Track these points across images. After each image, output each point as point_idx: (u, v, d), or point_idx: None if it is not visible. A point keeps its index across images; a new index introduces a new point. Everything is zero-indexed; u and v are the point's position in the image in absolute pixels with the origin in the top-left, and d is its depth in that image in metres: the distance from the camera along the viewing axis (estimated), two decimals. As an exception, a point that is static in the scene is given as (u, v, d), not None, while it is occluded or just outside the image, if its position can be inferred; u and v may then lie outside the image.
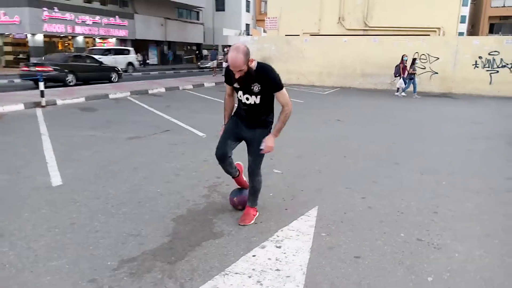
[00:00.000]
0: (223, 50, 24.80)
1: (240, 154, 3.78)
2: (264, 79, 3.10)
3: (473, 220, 3.66)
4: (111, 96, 12.07)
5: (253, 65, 3.04)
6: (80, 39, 29.82)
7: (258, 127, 3.35)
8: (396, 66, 14.98)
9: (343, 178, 4.84)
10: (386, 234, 3.30)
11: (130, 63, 26.46)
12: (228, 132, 3.43)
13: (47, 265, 2.71)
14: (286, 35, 20.66)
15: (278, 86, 3.13)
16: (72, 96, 11.14)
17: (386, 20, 19.49)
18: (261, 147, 3.27)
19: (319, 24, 21.18)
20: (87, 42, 30.82)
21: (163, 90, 14.38)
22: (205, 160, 5.35)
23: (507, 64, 15.49)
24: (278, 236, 3.20)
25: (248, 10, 48.57)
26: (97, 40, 31.18)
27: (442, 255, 2.98)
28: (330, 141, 6.95)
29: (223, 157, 3.44)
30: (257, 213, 3.56)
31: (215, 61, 23.60)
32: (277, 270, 2.70)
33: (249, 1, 48.18)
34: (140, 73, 25.36)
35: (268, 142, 3.25)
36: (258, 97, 3.18)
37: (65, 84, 14.80)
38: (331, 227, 3.41)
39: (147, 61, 35.02)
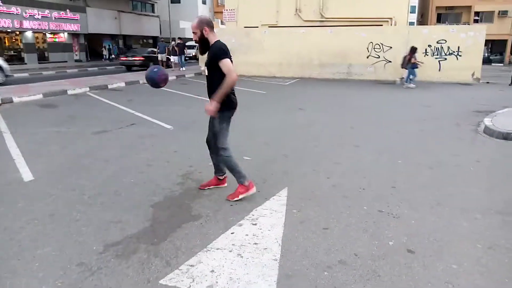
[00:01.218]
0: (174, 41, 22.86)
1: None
2: (211, 50, 3.49)
3: (426, 191, 4.07)
4: (69, 92, 11.78)
5: (212, 39, 3.51)
6: (29, 34, 28.46)
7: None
8: (403, 57, 15.19)
9: (308, 161, 5.15)
10: (350, 207, 3.63)
11: None
12: (210, 116, 3.74)
13: (33, 253, 2.80)
14: (245, 27, 20.82)
15: (219, 55, 3.41)
16: (29, 93, 10.78)
17: (341, 11, 20.09)
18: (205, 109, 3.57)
19: (277, 15, 21.47)
20: (37, 37, 29.48)
21: (123, 84, 14.17)
22: (176, 151, 5.48)
23: (454, 52, 16.50)
24: (253, 215, 3.43)
25: (204, 2, 48.09)
26: (48, 35, 29.89)
27: (400, 222, 3.34)
28: (294, 128, 7.26)
29: (209, 142, 3.89)
30: (248, 192, 3.78)
31: (164, 54, 21.75)
32: (255, 243, 2.94)
33: (205, -7, 47.72)
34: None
35: (207, 105, 3.51)
36: (207, 68, 3.57)
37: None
38: (300, 204, 3.69)
39: (112, 56, 34.14)
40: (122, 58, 23.44)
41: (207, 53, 3.55)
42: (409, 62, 14.88)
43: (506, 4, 37.83)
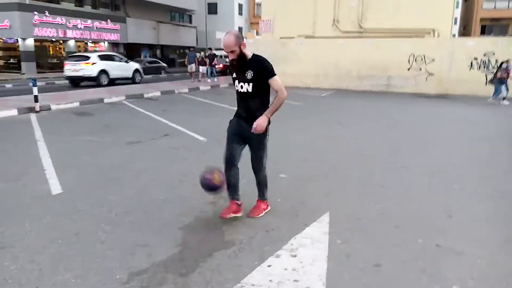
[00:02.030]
0: (205, 52, 22.05)
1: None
2: (257, 65, 3.26)
3: (490, 224, 3.57)
4: (106, 100, 11.88)
5: (248, 53, 3.26)
6: (71, 43, 29.53)
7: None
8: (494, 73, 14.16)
9: (350, 182, 4.74)
10: (403, 240, 3.20)
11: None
12: (231, 134, 3.49)
13: (53, 279, 2.56)
14: (281, 38, 20.60)
15: (271, 72, 3.25)
16: (66, 101, 10.93)
17: (381, 22, 19.49)
18: (253, 126, 3.23)
19: (313, 26, 21.12)
20: (78, 46, 30.51)
21: (158, 93, 14.21)
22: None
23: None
24: (292, 244, 3.07)
25: (240, 13, 48.57)
26: (89, 44, 30.89)
27: (463, 261, 2.88)
28: (333, 144, 6.86)
29: (230, 161, 3.48)
30: (268, 208, 3.70)
31: (193, 65, 20.42)
32: (295, 281, 2.58)
33: (241, 4, 48.19)
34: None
35: (259, 120, 3.23)
36: (251, 84, 3.27)
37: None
38: (345, 233, 3.29)
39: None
40: None
41: (245, 69, 3.26)
42: (496, 77, 13.63)
43: (557, 16, 35.85)
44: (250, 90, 3.29)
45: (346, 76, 18.23)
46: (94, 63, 16.92)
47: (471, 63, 16.03)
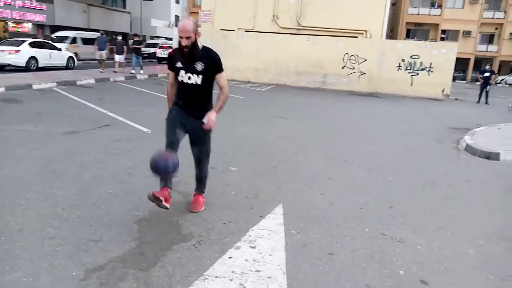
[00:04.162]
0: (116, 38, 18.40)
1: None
2: (209, 58, 3.21)
3: (425, 213, 3.93)
4: (35, 86, 11.00)
5: (199, 43, 3.17)
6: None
7: (199, 118, 3.31)
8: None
9: (299, 175, 4.92)
10: (352, 229, 3.41)
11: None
12: (174, 121, 3.36)
13: (0, 279, 2.38)
14: (220, 29, 20.49)
15: (221, 67, 3.27)
16: (-11, 86, 9.98)
17: (318, 21, 20.17)
18: (204, 121, 3.25)
19: (254, 20, 21.27)
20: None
21: (92, 81, 13.47)
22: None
23: (426, 67, 16.90)
24: (250, 236, 3.14)
25: (177, 1, 47.35)
26: (10, 24, 28.28)
27: (406, 248, 3.15)
28: (278, 138, 7.03)
29: (173, 145, 3.31)
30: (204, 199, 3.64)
31: (103, 52, 17.00)
32: (257, 271, 2.65)
33: (179, -8, 47.03)
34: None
35: (211, 116, 3.25)
36: (200, 77, 3.21)
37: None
38: (299, 224, 3.43)
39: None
40: None
41: (195, 59, 3.17)
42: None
43: (470, 25, 39.65)
44: (199, 82, 3.22)
45: (285, 72, 18.67)
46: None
47: (399, 64, 17.23)
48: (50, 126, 6.62)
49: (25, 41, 16.66)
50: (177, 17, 46.49)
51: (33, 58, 15.87)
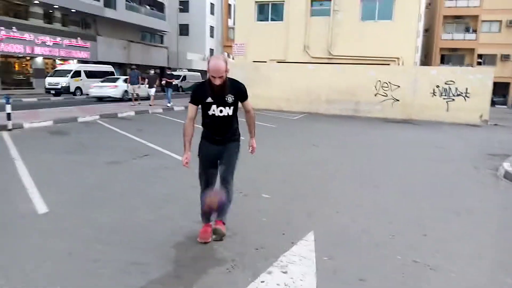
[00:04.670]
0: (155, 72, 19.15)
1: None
2: (236, 89, 3.41)
3: (460, 240, 3.87)
4: (80, 119, 11.72)
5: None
6: (39, 59, 28.92)
7: (231, 141, 3.54)
8: None
9: (329, 201, 4.97)
10: (384, 256, 3.43)
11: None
12: (207, 160, 3.55)
13: (51, 298, 2.59)
14: (253, 61, 21.09)
15: (246, 93, 3.50)
16: (39, 119, 10.73)
17: (349, 50, 20.41)
18: (250, 150, 3.66)
19: (285, 51, 21.82)
20: (46, 63, 29.93)
21: (132, 113, 14.16)
22: (193, 186, 5.26)
23: (462, 93, 16.58)
24: (282, 262, 3.23)
25: (212, 36, 49.24)
26: (57, 61, 30.33)
27: (439, 275, 3.13)
28: (309, 164, 7.12)
29: (210, 184, 3.60)
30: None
31: (136, 86, 17.32)
32: (289, 295, 2.73)
33: (213, 27, 48.94)
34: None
35: (253, 144, 3.69)
36: (231, 108, 3.40)
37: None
38: (330, 251, 3.49)
39: None
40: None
41: (226, 93, 3.33)
42: None
43: (508, 48, 38.59)
44: (230, 113, 3.39)
45: (316, 100, 18.82)
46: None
47: (434, 90, 17.00)
48: (93, 156, 7.04)
49: (120, 78, 21.84)
50: (211, 50, 48.25)
51: (126, 91, 19.89)
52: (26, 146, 7.73)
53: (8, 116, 9.26)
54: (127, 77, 19.17)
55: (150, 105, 16.81)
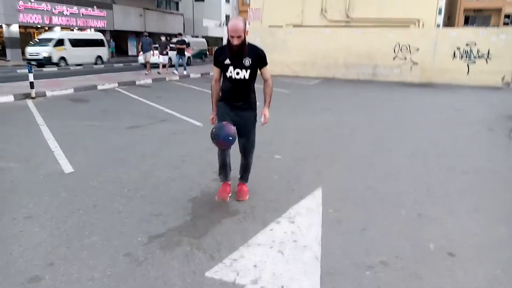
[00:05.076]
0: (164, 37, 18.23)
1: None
2: (255, 53, 3.45)
3: (462, 196, 4.03)
4: (99, 87, 12.05)
5: (246, 40, 3.36)
6: (57, 29, 29.18)
7: (247, 110, 3.61)
8: None
9: (340, 162, 5.15)
10: (387, 209, 3.63)
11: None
12: (223, 116, 3.59)
13: (81, 242, 2.90)
14: (269, 26, 20.83)
15: (265, 60, 3.51)
16: (61, 88, 11.09)
17: (367, 12, 19.85)
18: (262, 120, 3.55)
19: (302, 15, 21.37)
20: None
21: (150, 81, 14.40)
22: (208, 149, 5.52)
23: (484, 55, 16.12)
24: (290, 213, 3.47)
25: (227, 1, 48.41)
26: (75, 31, 30.57)
27: (438, 226, 3.32)
28: (322, 128, 7.26)
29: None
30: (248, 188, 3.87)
31: (149, 53, 16.61)
32: (295, 241, 2.98)
33: (229, -8, 48.04)
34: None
35: (265, 113, 3.57)
36: (248, 71, 3.45)
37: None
38: (336, 204, 3.70)
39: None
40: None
41: (243, 55, 3.40)
42: None
43: (537, 7, 36.78)
44: (247, 77, 3.46)
45: (333, 65, 18.63)
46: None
47: (454, 52, 16.58)
48: (114, 121, 7.35)
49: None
50: (227, 16, 47.54)
51: (169, 58, 19.22)
52: (50, 113, 8.10)
53: (31, 85, 9.62)
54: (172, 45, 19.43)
55: (159, 73, 16.41)
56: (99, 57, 25.26)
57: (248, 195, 3.81)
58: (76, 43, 23.53)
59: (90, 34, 27.67)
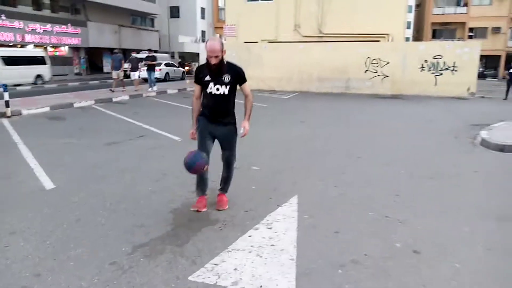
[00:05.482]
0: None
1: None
2: (234, 71, 3.66)
3: (429, 200, 4.32)
4: (76, 105, 12.03)
5: (224, 58, 3.59)
6: (30, 47, 28.81)
7: (228, 124, 3.81)
8: None
9: (314, 172, 5.39)
10: (359, 214, 3.87)
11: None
12: (203, 133, 3.82)
13: (67, 254, 3.00)
14: (245, 42, 21.25)
15: (243, 77, 3.71)
16: (37, 106, 11.03)
17: (339, 27, 20.57)
18: (241, 132, 3.76)
19: (276, 31, 21.93)
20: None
21: (127, 97, 14.44)
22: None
23: (450, 67, 16.94)
24: (267, 220, 3.66)
25: (203, 17, 48.87)
26: (49, 48, 30.25)
27: (406, 227, 3.58)
28: (298, 140, 7.52)
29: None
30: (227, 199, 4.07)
31: (119, 71, 16.14)
32: (272, 245, 3.16)
33: (204, 8, 48.49)
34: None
35: (246, 125, 3.77)
36: (228, 87, 3.65)
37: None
38: (311, 211, 3.91)
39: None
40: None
41: (222, 73, 3.60)
42: None
43: (498, 21, 38.79)
44: (226, 92, 3.68)
45: (307, 79, 19.14)
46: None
47: (422, 65, 17.35)
48: (92, 138, 7.40)
49: (162, 62, 25.53)
50: (203, 32, 47.93)
51: (167, 73, 24.79)
52: (27, 131, 8.08)
53: (7, 104, 9.56)
54: (166, 61, 21.07)
55: (136, 90, 16.26)
56: (39, 76, 22.26)
57: (228, 205, 3.98)
58: (11, 61, 20.22)
59: (30, 51, 25.14)
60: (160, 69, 24.10)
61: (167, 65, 26.93)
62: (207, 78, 3.66)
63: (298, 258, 2.95)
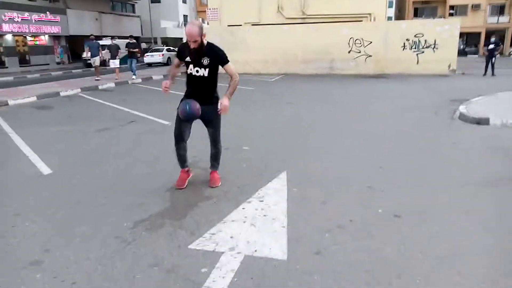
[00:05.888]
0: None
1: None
2: (213, 53, 3.74)
3: (410, 171, 4.61)
4: (62, 93, 12.02)
5: (205, 41, 3.68)
6: (9, 37, 28.21)
7: (211, 104, 3.93)
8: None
9: (301, 149, 5.64)
10: (344, 185, 4.13)
11: None
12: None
13: (72, 231, 3.20)
14: (228, 25, 21.20)
15: (225, 59, 3.77)
16: (23, 96, 11.01)
17: (322, 8, 20.69)
18: (219, 108, 3.83)
19: (259, 14, 21.94)
20: (17, 41, 29.21)
21: (113, 85, 14.42)
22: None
23: (431, 45, 17.26)
24: (259, 194, 3.89)
25: (184, 1, 48.23)
26: (28, 38, 29.65)
27: (387, 196, 3.85)
28: (285, 121, 7.75)
29: (181, 136, 4.03)
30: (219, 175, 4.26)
31: (97, 58, 15.99)
32: (264, 215, 3.41)
33: (185, -8, 47.87)
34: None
35: (224, 102, 3.77)
36: (207, 69, 3.76)
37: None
38: (300, 185, 4.16)
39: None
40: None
41: (202, 56, 3.70)
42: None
43: (479, -2, 39.26)
44: (206, 74, 3.79)
45: (292, 61, 19.28)
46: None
47: (404, 44, 17.63)
48: (83, 125, 7.50)
49: (164, 48, 30.02)
50: (185, 16, 47.37)
51: (169, 58, 26.94)
52: (16, 121, 8.12)
53: (-7, 94, 9.55)
54: (168, 47, 21.78)
55: (116, 79, 15.77)
56: None
57: (220, 181, 4.20)
58: None
59: None
60: (162, 54, 27.89)
61: (168, 50, 29.22)
62: (188, 59, 3.80)
63: (289, 226, 3.20)
